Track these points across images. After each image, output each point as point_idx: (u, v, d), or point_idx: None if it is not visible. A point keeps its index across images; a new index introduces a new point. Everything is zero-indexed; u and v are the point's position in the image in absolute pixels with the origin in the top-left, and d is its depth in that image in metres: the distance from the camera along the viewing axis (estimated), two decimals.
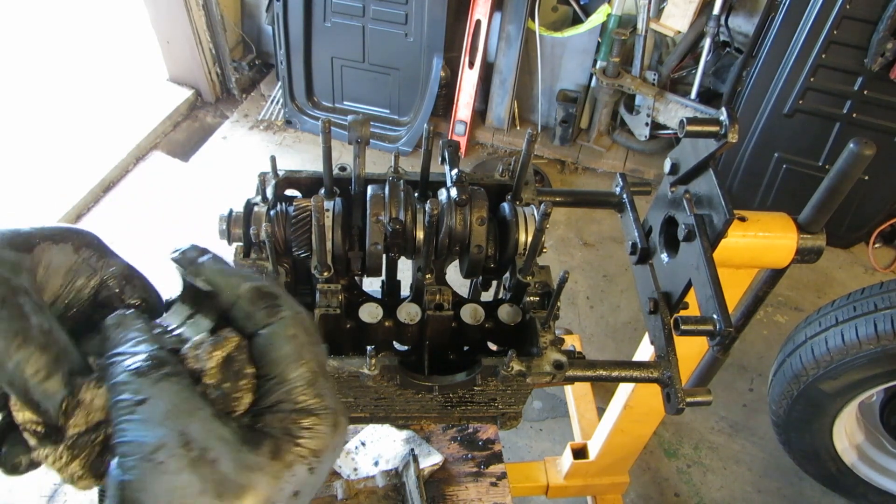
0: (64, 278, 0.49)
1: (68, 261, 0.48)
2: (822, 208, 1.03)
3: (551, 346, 0.80)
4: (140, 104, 3.73)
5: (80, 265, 0.49)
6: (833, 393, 2.03)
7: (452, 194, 0.84)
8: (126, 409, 0.40)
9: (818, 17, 2.59)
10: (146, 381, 0.41)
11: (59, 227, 0.48)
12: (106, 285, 0.51)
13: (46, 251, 0.47)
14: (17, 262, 0.43)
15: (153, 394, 0.40)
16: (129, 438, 0.39)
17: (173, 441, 0.39)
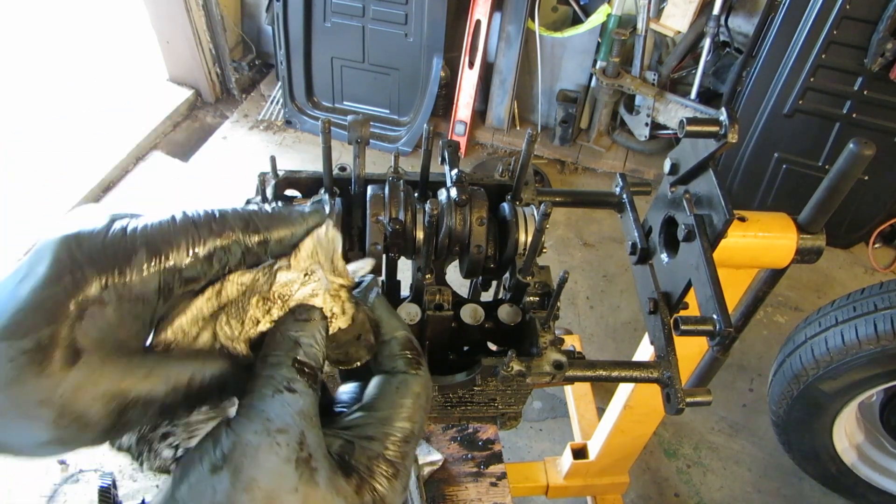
0: None
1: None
2: (821, 208, 1.03)
3: (551, 347, 0.80)
4: (140, 104, 3.73)
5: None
6: (833, 393, 2.03)
7: (452, 194, 0.84)
8: (276, 384, 0.45)
9: (818, 17, 2.59)
10: (303, 380, 0.46)
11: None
12: None
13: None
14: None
15: (300, 391, 0.45)
16: (263, 408, 0.44)
17: (295, 434, 0.43)
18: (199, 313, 0.48)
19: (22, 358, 0.40)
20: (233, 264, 0.48)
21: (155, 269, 0.44)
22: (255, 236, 0.48)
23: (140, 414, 0.44)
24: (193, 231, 0.46)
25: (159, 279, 0.44)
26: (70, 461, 2.34)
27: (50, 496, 2.25)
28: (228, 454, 0.42)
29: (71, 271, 0.41)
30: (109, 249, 0.43)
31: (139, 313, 0.44)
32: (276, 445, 0.42)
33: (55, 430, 0.41)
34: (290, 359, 0.47)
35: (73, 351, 0.41)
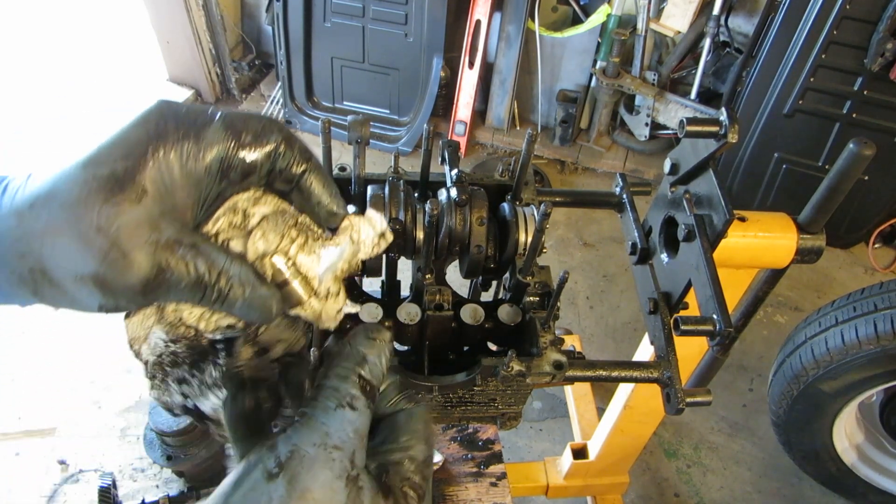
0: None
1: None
2: (821, 208, 1.03)
3: (551, 347, 0.80)
4: (140, 104, 3.72)
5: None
6: (833, 393, 2.03)
7: (452, 194, 0.84)
8: (339, 397, 0.47)
9: (818, 17, 2.59)
10: (364, 399, 0.49)
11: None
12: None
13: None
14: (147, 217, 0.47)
15: (360, 409, 0.48)
16: (325, 421, 0.46)
17: (348, 452, 0.45)
18: (232, 207, 0.52)
19: (94, 183, 0.44)
20: (273, 173, 0.51)
21: (225, 141, 0.48)
22: (305, 164, 0.52)
23: (175, 282, 0.46)
24: (266, 123, 0.50)
25: (225, 153, 0.48)
26: (70, 461, 2.34)
27: (50, 496, 2.25)
28: (286, 462, 0.44)
29: (156, 121, 0.46)
30: (192, 115, 0.47)
31: (198, 182, 0.48)
32: (332, 461, 0.44)
33: (101, 262, 0.44)
34: (356, 373, 0.49)
35: (140, 191, 0.44)
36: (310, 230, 0.55)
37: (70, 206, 0.43)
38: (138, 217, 0.44)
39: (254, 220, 0.53)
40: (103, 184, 0.44)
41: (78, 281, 0.44)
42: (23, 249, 0.44)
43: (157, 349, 0.51)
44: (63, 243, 0.44)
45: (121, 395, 2.54)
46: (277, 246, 0.52)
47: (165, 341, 0.51)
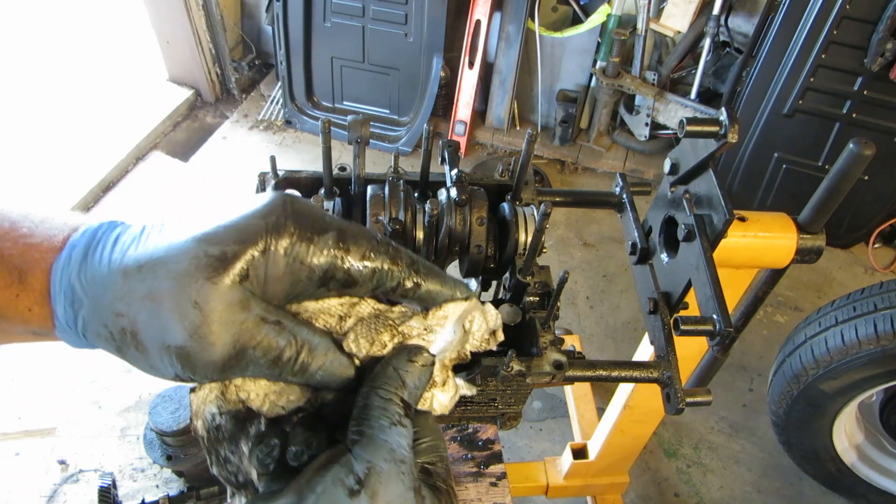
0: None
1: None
2: (821, 208, 1.03)
3: (551, 347, 0.80)
4: (140, 104, 3.73)
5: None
6: (833, 393, 2.03)
7: (452, 194, 0.84)
8: (391, 416, 0.49)
9: (818, 17, 2.59)
10: (409, 420, 0.51)
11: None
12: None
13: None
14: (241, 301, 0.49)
15: (408, 426, 0.50)
16: (386, 438, 0.48)
17: (410, 465, 0.48)
18: (328, 310, 0.54)
19: (204, 259, 0.46)
20: (382, 290, 0.54)
21: (334, 252, 0.50)
22: (415, 277, 0.54)
23: (256, 358, 0.48)
24: (375, 243, 0.52)
25: (331, 263, 0.49)
26: (70, 461, 2.34)
27: (50, 496, 2.25)
28: (365, 479, 0.45)
29: (277, 216, 0.48)
30: (311, 218, 0.50)
31: (297, 282, 0.50)
32: (402, 474, 0.47)
33: (190, 336, 0.45)
34: (398, 396, 0.51)
35: (242, 275, 0.47)
36: (409, 325, 0.56)
37: (175, 276, 0.45)
38: (233, 298, 0.46)
39: (349, 322, 0.54)
40: (211, 262, 0.46)
41: (163, 350, 0.46)
42: (121, 309, 0.46)
43: (207, 423, 0.52)
44: (160, 311, 0.45)
45: (121, 395, 2.54)
46: (368, 349, 0.54)
47: (213, 414, 0.52)
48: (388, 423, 0.49)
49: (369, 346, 0.54)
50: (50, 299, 0.48)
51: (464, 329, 0.57)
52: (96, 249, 0.48)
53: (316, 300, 0.54)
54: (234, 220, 0.48)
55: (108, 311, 0.46)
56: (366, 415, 0.49)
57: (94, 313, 0.47)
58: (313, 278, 0.50)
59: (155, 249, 0.47)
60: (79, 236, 0.49)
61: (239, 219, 0.48)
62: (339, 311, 0.54)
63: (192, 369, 0.47)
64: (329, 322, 0.54)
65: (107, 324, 0.46)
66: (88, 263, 0.47)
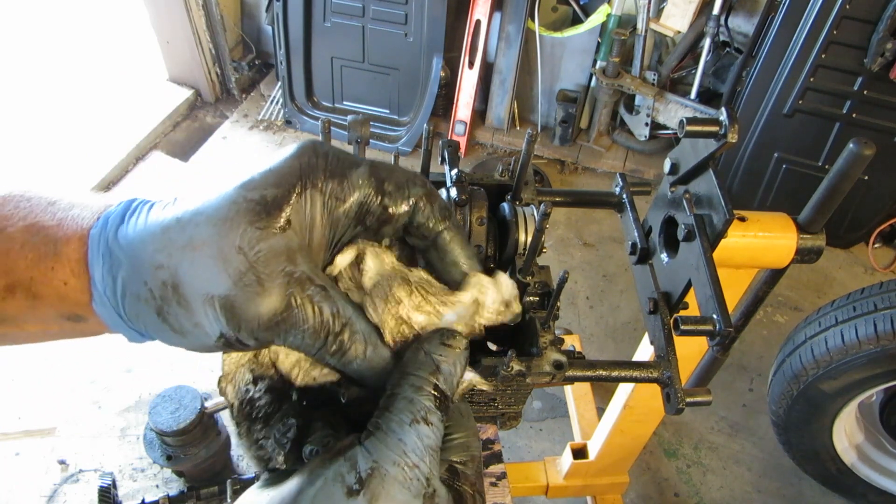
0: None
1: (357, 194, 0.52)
2: (821, 208, 1.03)
3: (551, 346, 0.80)
4: (140, 104, 3.73)
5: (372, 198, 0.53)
6: (833, 393, 2.03)
7: (452, 194, 0.84)
8: (415, 411, 0.46)
9: (818, 17, 2.59)
10: (439, 413, 0.47)
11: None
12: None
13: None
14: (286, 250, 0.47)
15: (435, 424, 0.46)
16: (402, 437, 0.45)
17: (425, 470, 0.45)
18: (357, 258, 0.52)
19: (243, 204, 0.45)
20: (415, 225, 0.52)
21: (368, 187, 0.49)
22: (444, 223, 0.53)
23: (300, 322, 0.46)
24: (410, 176, 0.51)
25: (366, 199, 0.49)
26: (70, 461, 2.34)
27: (50, 496, 2.25)
28: (367, 480, 0.43)
29: (309, 157, 0.48)
30: (342, 155, 0.49)
31: (336, 223, 0.49)
32: (410, 480, 0.44)
33: (235, 284, 0.44)
34: (431, 384, 0.47)
35: (285, 221, 0.45)
36: (426, 288, 0.53)
37: (216, 223, 0.44)
38: (278, 246, 0.45)
39: (367, 276, 0.52)
40: (252, 206, 0.45)
41: (207, 302, 0.44)
42: (161, 260, 0.44)
43: (240, 392, 0.50)
44: (202, 259, 0.44)
45: (121, 395, 2.54)
46: (384, 309, 0.51)
47: (248, 382, 0.50)
48: (409, 418, 0.45)
49: (384, 304, 0.51)
50: (87, 267, 0.46)
51: (476, 301, 0.54)
52: (132, 215, 0.47)
53: (349, 250, 0.52)
54: (269, 166, 0.47)
55: (148, 266, 0.44)
56: (390, 405, 0.46)
57: (133, 272, 0.45)
58: (350, 214, 0.49)
59: (192, 202, 0.47)
60: (114, 208, 0.48)
61: (273, 165, 0.47)
62: (361, 260, 0.52)
63: (238, 323, 0.44)
64: (352, 273, 0.52)
65: (146, 280, 0.44)
66: (126, 226, 0.46)
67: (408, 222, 0.52)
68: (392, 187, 0.50)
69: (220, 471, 2.25)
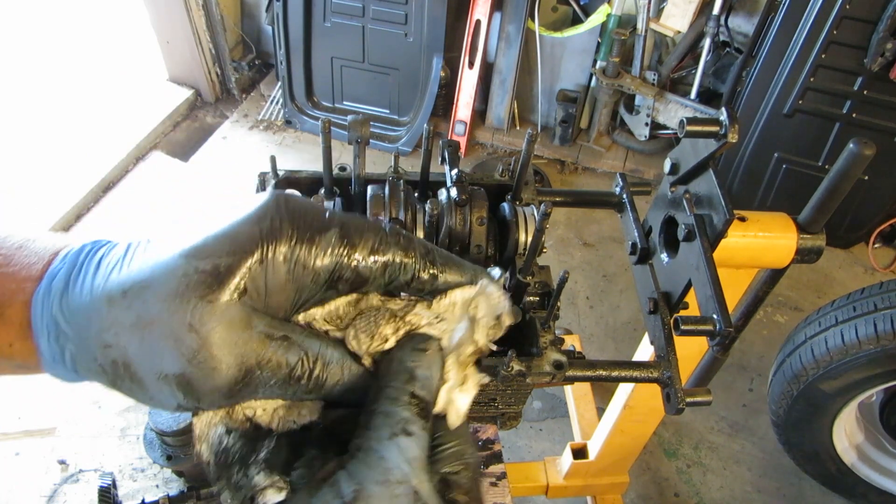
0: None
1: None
2: (821, 208, 1.03)
3: (551, 346, 0.80)
4: (140, 104, 3.73)
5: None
6: (833, 393, 2.03)
7: (452, 194, 0.84)
8: (392, 425, 0.44)
9: (818, 17, 2.59)
10: (420, 421, 0.45)
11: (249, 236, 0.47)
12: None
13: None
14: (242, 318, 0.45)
15: (416, 433, 0.44)
16: (382, 454, 0.42)
17: (410, 485, 0.42)
18: (336, 312, 0.49)
19: (195, 276, 0.41)
20: (396, 284, 0.49)
21: (339, 251, 0.45)
22: (431, 268, 0.49)
23: (265, 380, 0.44)
24: (383, 234, 0.47)
25: (337, 263, 0.46)
26: (70, 461, 2.34)
27: (50, 496, 2.25)
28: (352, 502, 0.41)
29: (272, 219, 0.43)
30: (310, 216, 0.45)
31: (301, 289, 0.45)
32: (396, 497, 0.42)
33: (189, 362, 0.41)
34: (407, 393, 0.45)
35: (240, 290, 0.42)
36: (415, 314, 0.51)
37: (164, 300, 0.41)
38: (232, 317, 0.42)
39: (349, 312, 0.50)
40: (203, 279, 0.41)
41: (161, 380, 0.42)
42: (109, 340, 0.42)
43: (214, 447, 0.49)
44: (152, 338, 0.41)
45: (121, 395, 2.54)
46: (369, 345, 0.49)
47: (221, 436, 0.49)
48: (388, 433, 0.43)
49: (370, 340, 0.49)
50: (32, 334, 0.44)
51: (472, 317, 0.52)
52: (78, 276, 0.44)
53: (323, 305, 0.49)
54: (224, 230, 0.43)
55: (96, 344, 0.42)
56: (368, 422, 0.45)
57: (81, 347, 0.43)
58: (319, 282, 0.46)
59: (140, 271, 0.42)
60: (59, 262, 0.45)
61: (229, 227, 0.43)
62: (342, 312, 0.50)
63: (197, 397, 0.43)
64: (336, 324, 0.50)
65: (96, 357, 0.43)
66: (70, 293, 0.43)
67: (387, 283, 0.49)
68: (366, 251, 0.46)
69: None
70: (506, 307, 0.54)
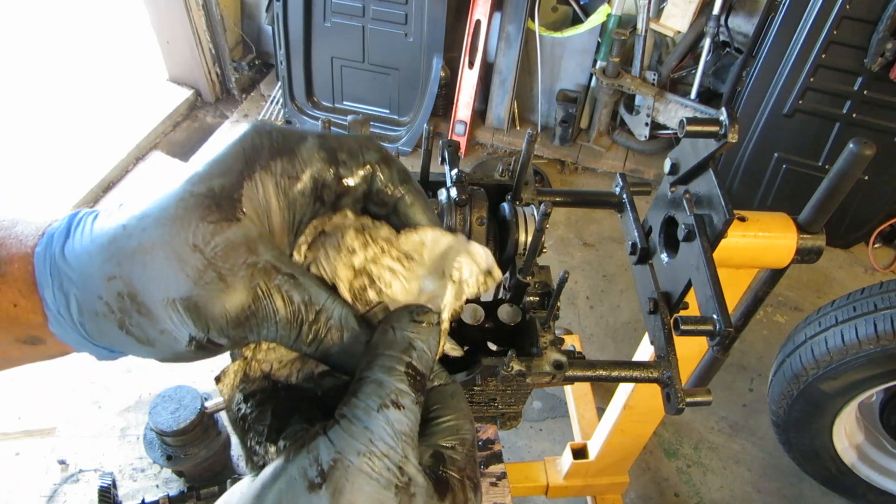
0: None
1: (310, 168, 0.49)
2: (821, 208, 1.03)
3: (551, 346, 0.80)
4: (140, 104, 3.73)
5: (322, 171, 0.50)
6: (833, 393, 2.03)
7: (452, 194, 0.84)
8: (383, 396, 0.42)
9: (818, 17, 2.59)
10: (413, 394, 0.43)
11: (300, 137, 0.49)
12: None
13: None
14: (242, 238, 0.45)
15: (407, 407, 0.43)
16: (368, 425, 0.41)
17: (396, 459, 0.41)
18: (325, 232, 0.50)
19: (191, 199, 0.42)
20: (379, 190, 0.50)
21: (319, 160, 0.47)
22: (404, 186, 0.51)
23: (270, 314, 0.44)
24: (364, 142, 0.49)
25: (320, 172, 0.47)
26: (70, 461, 2.34)
27: (50, 496, 2.25)
28: (329, 472, 0.40)
29: (252, 139, 0.45)
30: (286, 133, 0.47)
31: (293, 203, 0.47)
32: (378, 471, 0.41)
33: (195, 283, 0.41)
34: (404, 363, 0.44)
35: (238, 210, 0.43)
36: (381, 232, 0.51)
37: (165, 223, 0.42)
38: (236, 238, 0.42)
39: (344, 248, 0.50)
40: (200, 201, 0.42)
41: (169, 305, 0.42)
42: (112, 271, 0.42)
43: (234, 414, 0.49)
44: (155, 262, 0.41)
45: (121, 395, 2.54)
46: (337, 259, 0.49)
47: (239, 402, 0.49)
48: (377, 403, 0.42)
49: (336, 253, 0.49)
50: (36, 287, 0.44)
51: (453, 281, 0.51)
52: (77, 227, 0.45)
53: (313, 227, 0.50)
54: (211, 159, 0.45)
55: (100, 278, 0.42)
56: (357, 390, 0.43)
57: (85, 288, 0.43)
58: (306, 192, 0.47)
59: (137, 205, 0.43)
60: (58, 223, 0.46)
61: (217, 155, 0.45)
62: (330, 233, 0.50)
63: (206, 323, 0.42)
64: (321, 249, 0.50)
65: (101, 294, 0.42)
66: (71, 240, 0.44)
67: (367, 191, 0.49)
68: (345, 156, 0.48)
69: (220, 471, 2.25)
70: (492, 261, 0.53)
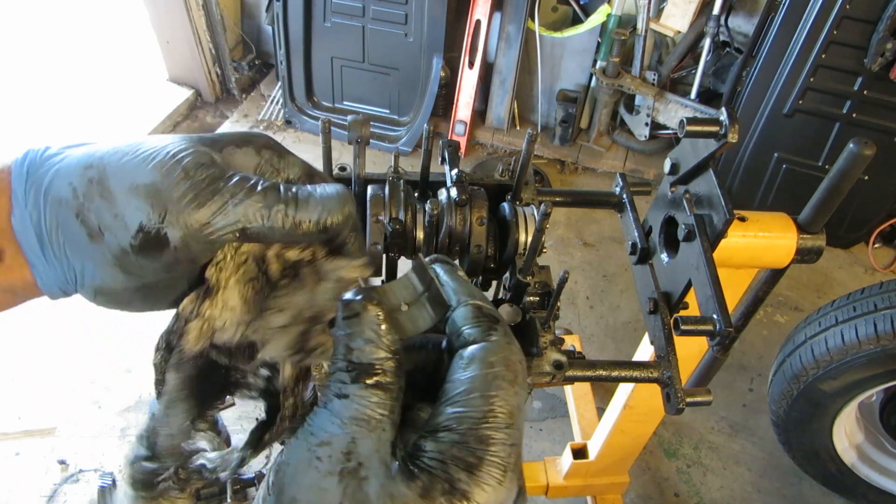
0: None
1: (252, 162, 0.52)
2: (822, 208, 1.03)
3: (551, 346, 0.80)
4: (140, 104, 3.73)
5: (264, 166, 0.53)
6: (833, 393, 2.03)
7: (452, 194, 0.84)
8: (327, 394, 0.43)
9: (818, 17, 2.59)
10: (359, 383, 0.41)
11: (241, 132, 0.54)
12: (291, 182, 0.54)
13: (232, 154, 0.52)
14: (214, 160, 0.49)
15: (353, 395, 0.41)
16: (310, 423, 0.42)
17: (340, 444, 0.40)
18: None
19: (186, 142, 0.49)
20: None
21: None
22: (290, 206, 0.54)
23: (235, 192, 0.47)
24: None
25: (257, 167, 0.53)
26: (70, 461, 2.34)
27: (50, 496, 2.25)
28: (275, 479, 0.40)
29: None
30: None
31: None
32: (317, 460, 0.40)
33: (161, 173, 0.46)
34: (344, 363, 0.43)
35: (218, 156, 0.50)
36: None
37: (142, 137, 0.49)
38: (207, 159, 0.48)
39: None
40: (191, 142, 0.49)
41: (132, 190, 0.46)
42: (91, 161, 0.47)
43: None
44: (132, 157, 0.47)
45: (121, 395, 2.54)
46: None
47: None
48: (321, 403, 0.42)
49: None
50: (9, 186, 0.48)
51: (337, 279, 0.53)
52: (62, 148, 0.50)
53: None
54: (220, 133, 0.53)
55: (76, 167, 0.47)
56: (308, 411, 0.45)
57: (59, 177, 0.47)
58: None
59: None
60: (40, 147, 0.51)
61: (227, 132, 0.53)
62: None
63: (163, 206, 0.46)
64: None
65: (72, 181, 0.47)
66: (56, 151, 0.49)
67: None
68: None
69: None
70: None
